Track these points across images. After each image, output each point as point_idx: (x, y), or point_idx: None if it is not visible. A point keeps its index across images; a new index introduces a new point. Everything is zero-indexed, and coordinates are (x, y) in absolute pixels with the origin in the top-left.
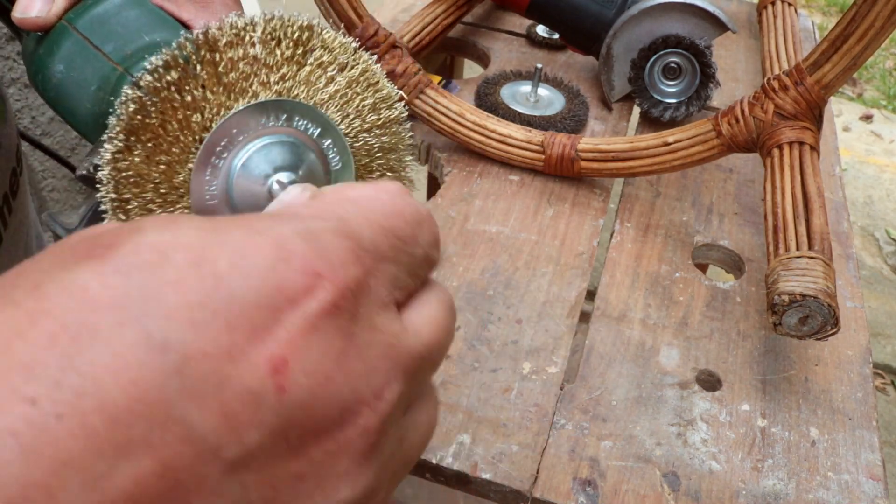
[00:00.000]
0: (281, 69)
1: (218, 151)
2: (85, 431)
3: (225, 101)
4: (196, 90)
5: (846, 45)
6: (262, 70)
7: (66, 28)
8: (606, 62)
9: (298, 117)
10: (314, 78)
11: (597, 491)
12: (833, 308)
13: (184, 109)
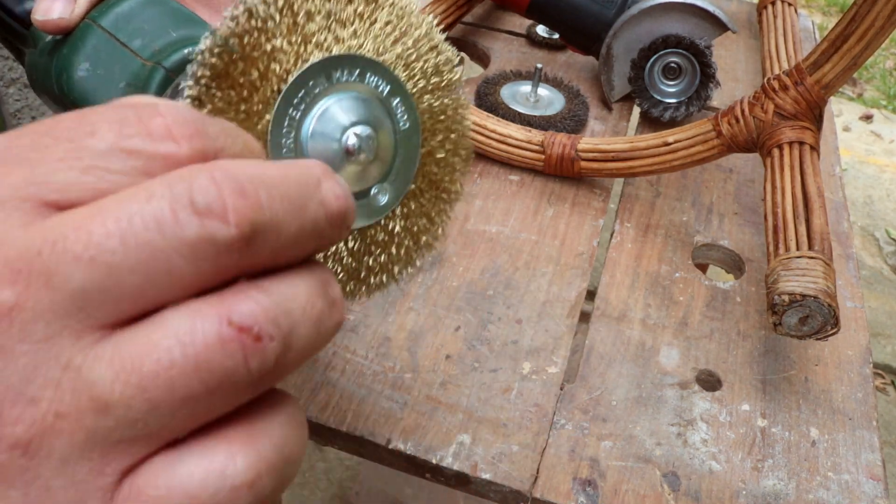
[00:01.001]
0: (353, 25)
1: (295, 103)
2: None
3: (302, 52)
4: (276, 39)
5: (846, 45)
6: (335, 24)
7: (90, 26)
8: (606, 62)
9: (370, 74)
10: (383, 36)
11: (597, 491)
12: (833, 308)
13: (265, 57)
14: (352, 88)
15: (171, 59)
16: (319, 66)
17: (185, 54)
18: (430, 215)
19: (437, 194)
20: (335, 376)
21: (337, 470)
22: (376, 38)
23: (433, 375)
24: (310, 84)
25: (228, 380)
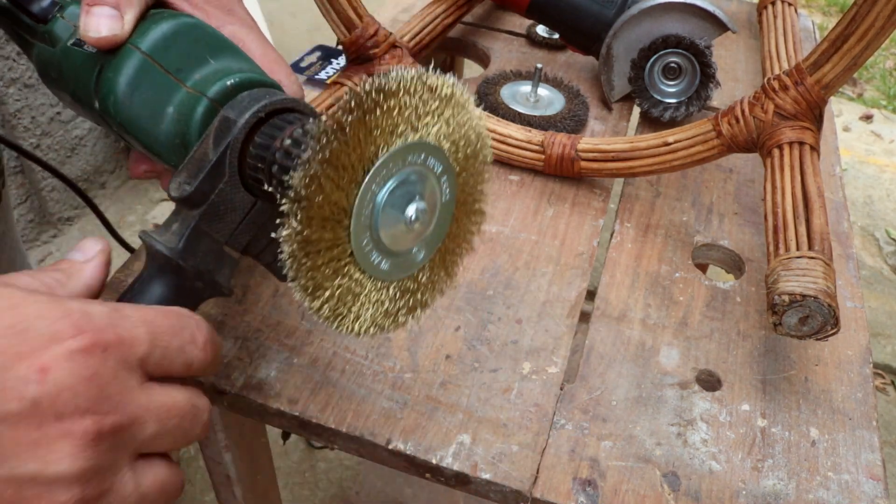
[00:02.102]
0: (427, 117)
1: (378, 180)
2: None
3: (388, 139)
4: (376, 128)
5: (846, 45)
6: (413, 115)
7: (131, 50)
8: (606, 62)
9: (432, 157)
10: (446, 126)
11: (597, 491)
12: (833, 308)
13: (365, 142)
14: (416, 167)
15: (214, 90)
16: (401, 151)
17: (227, 86)
18: (448, 265)
19: (454, 247)
20: (335, 376)
21: (337, 469)
22: (440, 127)
23: (433, 375)
24: (390, 165)
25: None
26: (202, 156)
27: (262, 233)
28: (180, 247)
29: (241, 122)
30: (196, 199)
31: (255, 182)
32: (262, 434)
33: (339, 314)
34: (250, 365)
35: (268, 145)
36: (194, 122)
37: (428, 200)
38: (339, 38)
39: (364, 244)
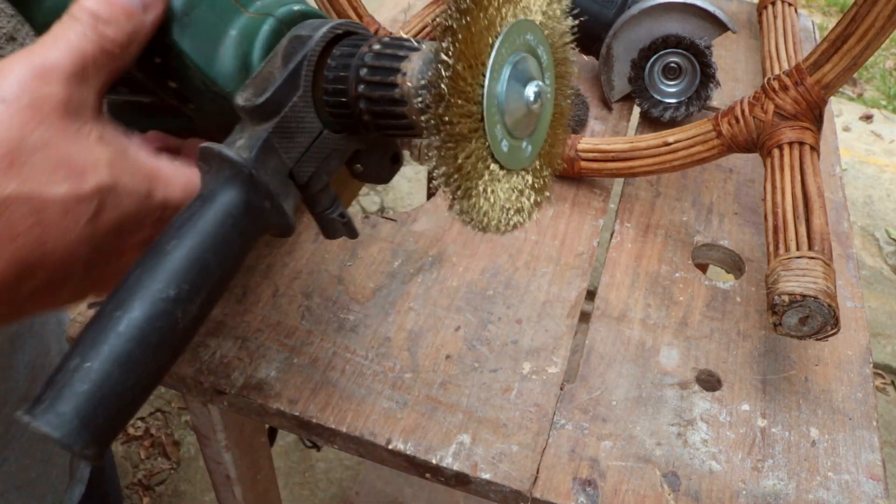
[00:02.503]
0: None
1: (504, 52)
2: None
3: (512, 11)
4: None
5: (846, 45)
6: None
7: None
8: (606, 62)
9: (541, 45)
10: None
11: (597, 491)
12: (833, 308)
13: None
14: (529, 50)
15: (281, 12)
16: (519, 26)
17: (294, 11)
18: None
19: (550, 156)
20: (335, 376)
21: (337, 470)
22: (543, 17)
23: (433, 375)
24: (512, 38)
25: None
26: (269, 73)
27: (323, 168)
28: (253, 155)
29: (317, 36)
30: (268, 110)
31: (333, 95)
32: (263, 434)
33: (469, 184)
34: (250, 365)
35: (351, 54)
36: (259, 42)
37: (541, 84)
38: None
39: (492, 113)
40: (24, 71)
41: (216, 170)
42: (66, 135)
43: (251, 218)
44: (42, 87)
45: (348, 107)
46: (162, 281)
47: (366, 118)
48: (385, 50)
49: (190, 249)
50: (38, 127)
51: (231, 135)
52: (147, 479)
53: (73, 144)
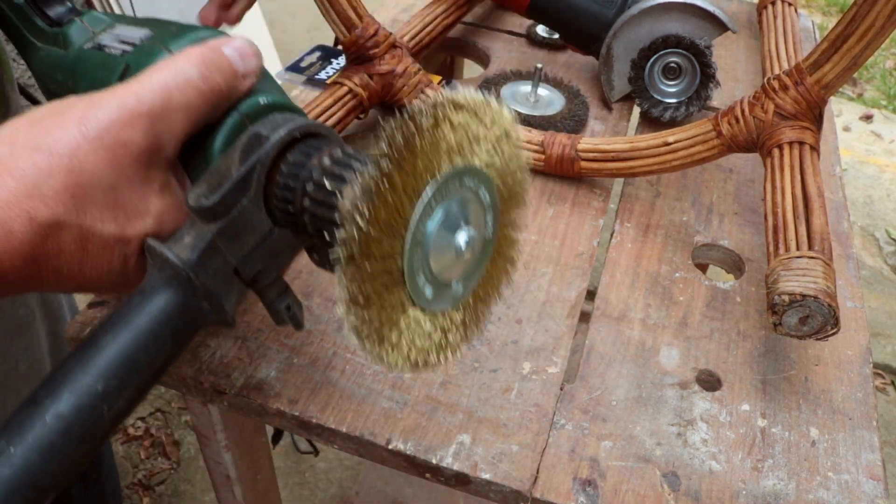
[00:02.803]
0: (485, 142)
1: (437, 197)
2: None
3: (452, 155)
4: (443, 141)
5: (846, 44)
6: (474, 139)
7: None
8: (606, 62)
9: (483, 187)
10: (496, 156)
11: (597, 491)
12: (833, 308)
13: (432, 152)
14: (469, 193)
15: (245, 105)
16: (461, 171)
17: (259, 104)
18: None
19: (486, 292)
20: (335, 376)
21: (337, 470)
22: (494, 158)
23: (433, 375)
24: (449, 183)
25: None
26: (225, 169)
27: (272, 265)
28: (194, 258)
29: (274, 138)
30: (216, 212)
31: (282, 202)
32: (262, 434)
33: (380, 336)
34: (250, 365)
35: (302, 163)
36: (220, 135)
37: (477, 230)
38: (339, 38)
39: (415, 262)
40: (115, 111)
41: (159, 268)
42: (131, 181)
43: (187, 318)
44: (126, 133)
45: (294, 216)
46: (92, 375)
47: (310, 229)
48: (333, 167)
49: (122, 346)
50: (110, 169)
51: (180, 229)
52: (147, 479)
53: (135, 191)
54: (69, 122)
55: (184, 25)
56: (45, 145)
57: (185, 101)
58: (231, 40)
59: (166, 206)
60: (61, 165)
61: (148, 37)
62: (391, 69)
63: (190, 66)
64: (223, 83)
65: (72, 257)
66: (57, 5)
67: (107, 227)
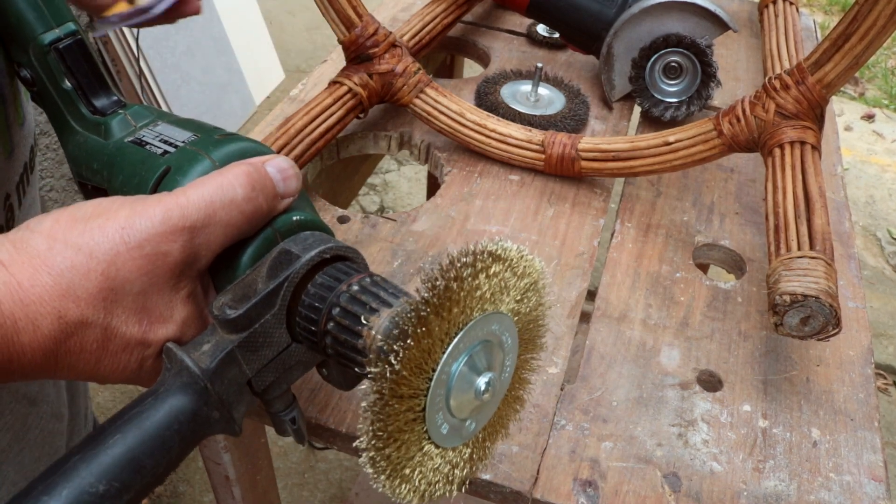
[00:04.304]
0: (513, 291)
1: (467, 340)
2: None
3: (484, 302)
4: (477, 289)
5: (848, 44)
6: (506, 287)
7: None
8: (607, 61)
9: (507, 333)
10: (524, 303)
11: (597, 492)
12: (835, 308)
13: (467, 300)
14: (494, 338)
15: (279, 221)
16: (490, 318)
17: (292, 221)
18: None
19: (495, 428)
20: None
21: (337, 470)
22: (522, 306)
23: None
24: (478, 328)
25: None
26: (253, 283)
27: (284, 377)
28: (212, 367)
29: (305, 258)
30: (239, 324)
31: (305, 321)
32: (262, 434)
33: (395, 470)
34: None
35: (330, 286)
36: (251, 248)
37: (497, 373)
38: (339, 38)
39: (436, 401)
40: (158, 223)
41: (175, 371)
42: (161, 289)
43: (196, 426)
44: (166, 245)
45: (316, 335)
46: (94, 475)
47: (329, 351)
48: (360, 295)
49: (129, 447)
50: (145, 277)
51: (201, 335)
52: None
53: (162, 297)
54: (112, 227)
55: (227, 133)
56: (85, 247)
57: (227, 219)
58: (273, 159)
59: (190, 313)
60: (98, 270)
61: (190, 140)
62: (391, 68)
63: (236, 186)
64: (265, 204)
65: (90, 355)
66: (103, 96)
67: (131, 329)
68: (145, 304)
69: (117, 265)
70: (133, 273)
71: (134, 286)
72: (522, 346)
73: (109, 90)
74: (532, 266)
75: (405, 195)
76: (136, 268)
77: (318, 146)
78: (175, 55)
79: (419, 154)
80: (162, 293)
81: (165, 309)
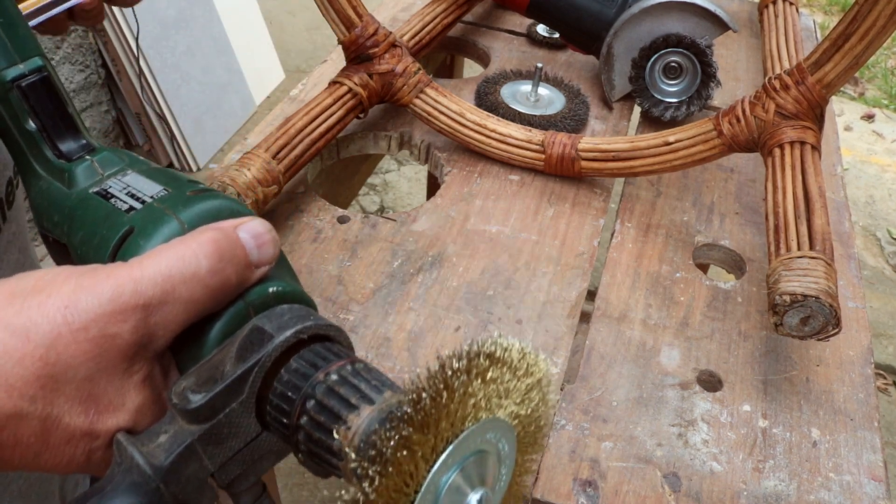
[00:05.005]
0: (514, 394)
1: (460, 450)
2: None
3: (479, 409)
4: (472, 396)
5: (848, 44)
6: (505, 389)
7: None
8: (607, 61)
9: (505, 440)
10: (524, 406)
11: (597, 492)
12: (834, 308)
13: (458, 411)
14: (490, 446)
15: (253, 294)
16: (486, 425)
17: (268, 293)
18: None
19: None
20: None
21: None
22: (523, 409)
23: None
24: (472, 438)
25: None
26: (219, 364)
27: (252, 469)
28: (166, 465)
29: (279, 340)
30: (202, 415)
31: (276, 411)
32: None
33: None
34: None
35: (307, 374)
36: (218, 324)
37: (490, 487)
38: (339, 38)
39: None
40: (106, 301)
41: (125, 468)
42: (111, 374)
43: None
44: (114, 325)
45: (287, 428)
46: None
47: (301, 447)
48: (339, 388)
49: None
50: (90, 361)
51: (158, 423)
52: None
53: (112, 383)
54: (53, 306)
55: (199, 189)
56: (21, 328)
57: (188, 295)
58: (248, 222)
59: (145, 399)
60: (35, 355)
61: (160, 196)
62: (391, 68)
63: (200, 256)
64: (234, 276)
65: (27, 449)
66: (70, 140)
67: (75, 420)
68: (92, 390)
69: (58, 349)
70: (77, 358)
71: (78, 372)
72: (521, 448)
73: (77, 132)
74: (536, 364)
75: (405, 195)
76: (80, 352)
77: (318, 146)
78: (175, 55)
79: (419, 154)
80: (112, 378)
81: (116, 396)
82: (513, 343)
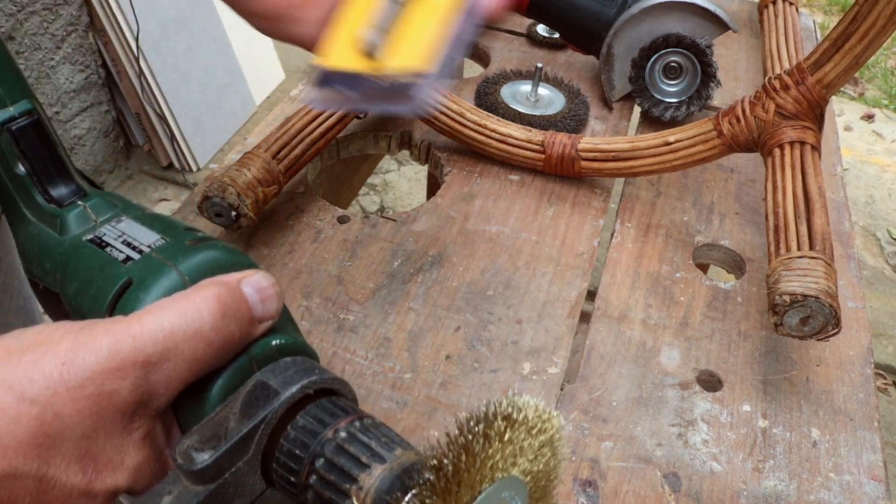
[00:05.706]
0: (526, 454)
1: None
2: None
3: (490, 476)
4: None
5: (848, 44)
6: (521, 448)
7: (171, 271)
8: (607, 61)
9: (518, 498)
10: (538, 463)
11: (597, 492)
12: (834, 308)
13: (476, 472)
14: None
15: (256, 347)
16: (503, 484)
17: (272, 346)
18: None
19: None
20: None
21: None
22: (537, 466)
23: (433, 376)
24: (486, 501)
25: None
26: (222, 420)
27: None
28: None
29: (285, 396)
30: (207, 476)
31: (284, 469)
32: None
33: None
34: None
35: (315, 431)
36: (221, 380)
37: None
38: None
39: None
40: (104, 358)
41: None
42: (109, 432)
43: None
44: (111, 383)
45: (295, 487)
46: None
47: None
48: (349, 446)
49: None
50: (87, 420)
51: (161, 483)
52: None
53: (111, 441)
54: (50, 363)
55: (197, 238)
56: (17, 385)
57: (190, 352)
58: (251, 276)
59: (146, 457)
60: (31, 413)
61: (157, 245)
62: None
63: (204, 313)
64: (238, 332)
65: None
66: (61, 184)
67: (72, 479)
68: (90, 449)
69: (55, 407)
70: (74, 416)
71: (75, 430)
72: (532, 503)
73: (69, 177)
74: (549, 422)
75: (405, 195)
76: (77, 410)
77: (318, 146)
78: (175, 55)
79: (419, 154)
80: (110, 436)
81: (115, 454)
82: (528, 402)
